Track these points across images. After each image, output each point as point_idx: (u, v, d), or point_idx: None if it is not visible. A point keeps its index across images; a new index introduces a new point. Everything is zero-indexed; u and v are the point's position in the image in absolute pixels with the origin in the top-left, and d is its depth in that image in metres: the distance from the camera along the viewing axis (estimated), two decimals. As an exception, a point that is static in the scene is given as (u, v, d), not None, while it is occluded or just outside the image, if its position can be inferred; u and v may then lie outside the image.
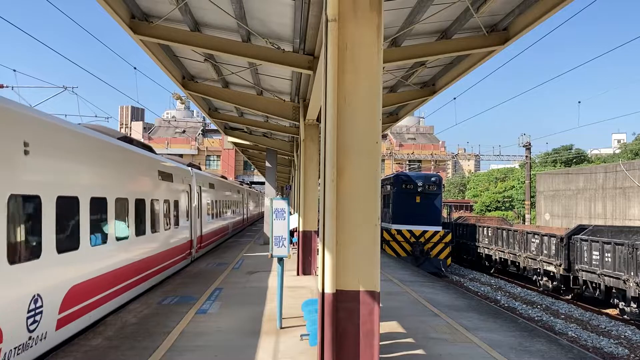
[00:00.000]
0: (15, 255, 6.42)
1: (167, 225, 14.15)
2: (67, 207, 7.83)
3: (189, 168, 17.99)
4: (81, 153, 8.51)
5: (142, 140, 11.80)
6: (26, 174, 6.74)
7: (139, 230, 11.52)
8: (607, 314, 15.71)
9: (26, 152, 6.71)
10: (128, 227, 10.77)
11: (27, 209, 6.82)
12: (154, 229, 12.73)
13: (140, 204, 11.53)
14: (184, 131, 80.00)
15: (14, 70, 21.64)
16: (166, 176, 14.13)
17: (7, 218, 6.23)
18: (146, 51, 10.63)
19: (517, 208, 55.15)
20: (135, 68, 20.73)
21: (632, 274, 14.33)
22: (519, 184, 57.41)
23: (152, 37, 9.82)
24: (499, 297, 18.43)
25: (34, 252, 6.89)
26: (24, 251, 6.71)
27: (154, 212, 12.79)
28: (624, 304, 14.89)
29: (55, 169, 7.60)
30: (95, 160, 9.08)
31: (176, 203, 15.17)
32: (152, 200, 12.54)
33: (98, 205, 9.08)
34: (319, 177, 7.55)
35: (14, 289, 6.41)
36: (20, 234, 6.68)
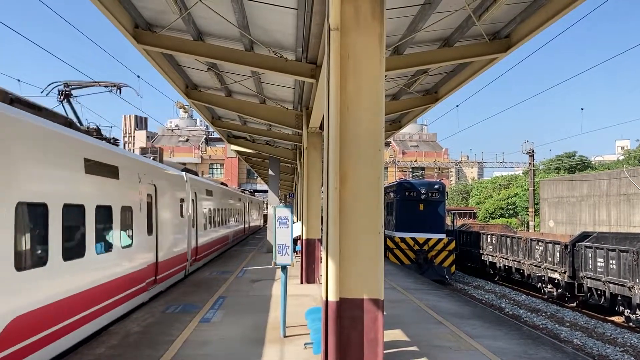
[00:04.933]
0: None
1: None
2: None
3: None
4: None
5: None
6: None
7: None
8: (612, 322, 15.62)
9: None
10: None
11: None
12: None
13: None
14: (187, 140, 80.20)
15: (18, 80, 21.83)
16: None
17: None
18: (149, 60, 10.69)
19: (521, 215, 54.97)
20: (138, 77, 20.76)
21: (637, 281, 14.25)
22: (522, 191, 57.25)
23: (155, 46, 9.88)
24: (503, 305, 18.35)
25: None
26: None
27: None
28: (629, 311, 14.81)
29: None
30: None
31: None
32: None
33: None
34: (322, 185, 7.56)
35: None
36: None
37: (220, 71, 12.44)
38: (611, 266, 15.45)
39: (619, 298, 15.36)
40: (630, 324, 14.80)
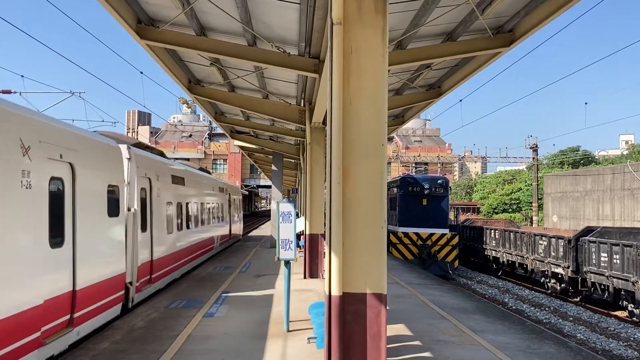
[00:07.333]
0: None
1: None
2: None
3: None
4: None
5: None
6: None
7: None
8: (616, 316, 15.61)
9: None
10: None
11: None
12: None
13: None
14: (190, 135, 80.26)
15: (22, 76, 21.78)
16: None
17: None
18: (152, 56, 10.69)
19: (525, 210, 54.86)
20: (141, 72, 20.71)
21: (641, 275, 14.23)
22: (526, 185, 57.13)
23: (158, 41, 9.88)
24: (506, 300, 18.35)
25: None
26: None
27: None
28: (632, 305, 14.79)
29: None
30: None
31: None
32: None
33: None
34: (325, 180, 7.57)
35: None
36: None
37: (223, 66, 12.43)
38: (615, 261, 15.42)
39: (622, 293, 15.34)
40: (634, 318, 14.78)
